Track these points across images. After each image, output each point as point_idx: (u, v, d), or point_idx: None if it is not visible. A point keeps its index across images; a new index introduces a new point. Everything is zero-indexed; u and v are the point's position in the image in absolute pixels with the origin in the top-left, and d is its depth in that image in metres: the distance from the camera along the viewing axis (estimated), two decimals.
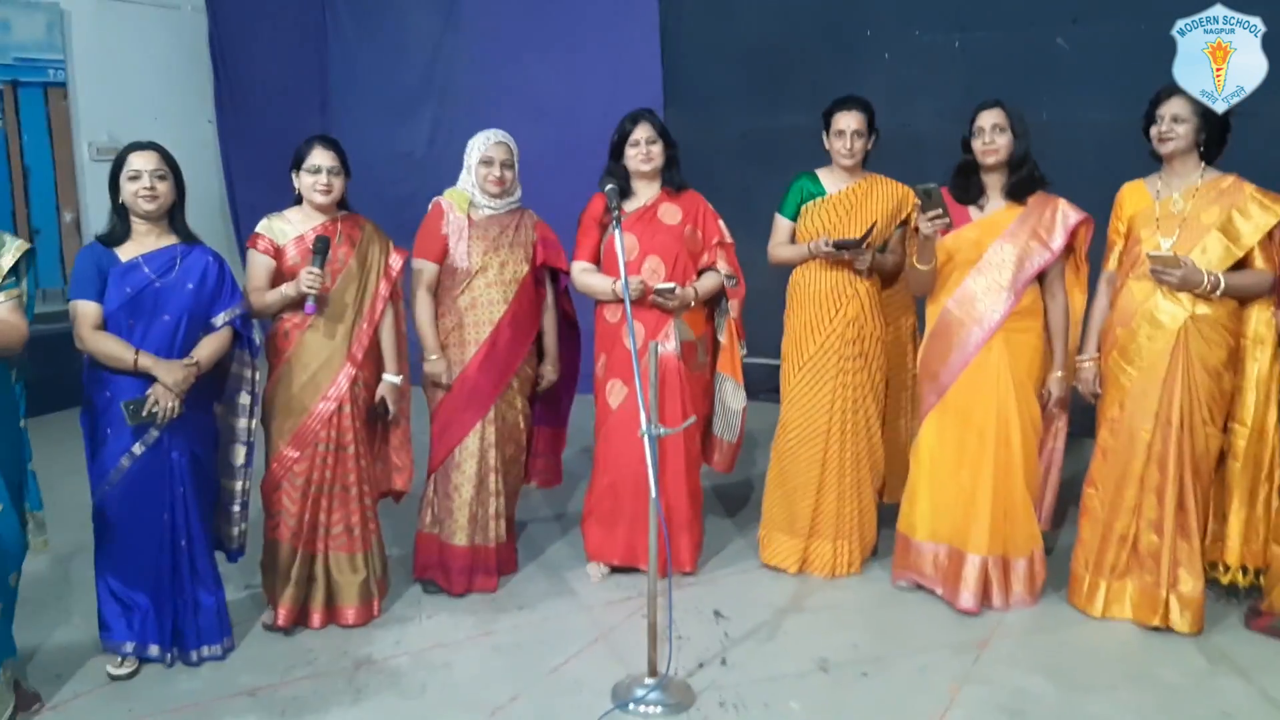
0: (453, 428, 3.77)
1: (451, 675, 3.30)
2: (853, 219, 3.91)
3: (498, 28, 7.08)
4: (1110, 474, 3.58)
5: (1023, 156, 3.65)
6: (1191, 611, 3.47)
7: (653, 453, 3.01)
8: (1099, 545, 3.60)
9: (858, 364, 3.92)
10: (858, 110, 3.88)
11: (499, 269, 3.76)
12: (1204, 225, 3.43)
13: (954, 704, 3.10)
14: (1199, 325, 3.41)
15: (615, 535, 3.92)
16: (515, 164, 3.80)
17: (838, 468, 3.95)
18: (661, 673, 3.13)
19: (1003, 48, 5.87)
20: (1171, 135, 3.45)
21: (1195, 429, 3.44)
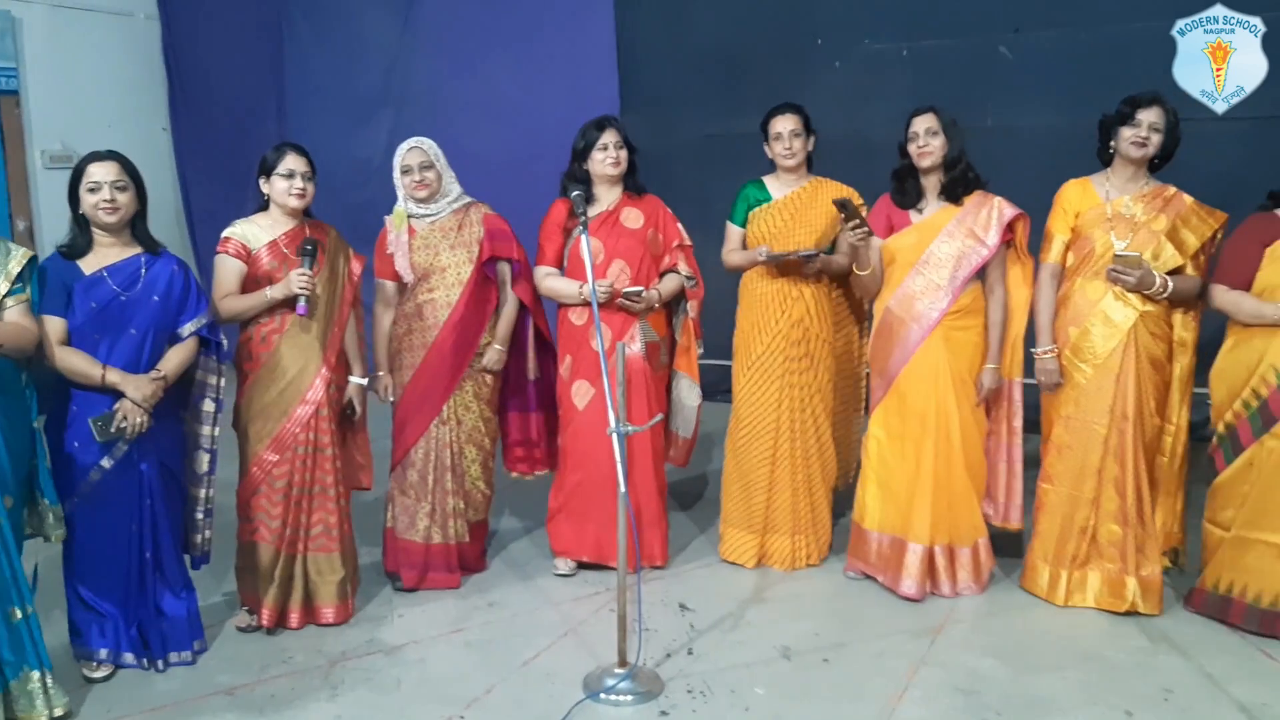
0: (407, 428, 3.87)
1: (425, 670, 3.38)
2: (798, 222, 4.04)
3: (455, 33, 7.13)
4: (1068, 469, 3.73)
5: (956, 158, 3.78)
6: (1153, 594, 3.65)
7: (621, 450, 3.12)
8: (1058, 537, 3.75)
9: (803, 364, 4.04)
10: (792, 113, 4.02)
11: (441, 274, 3.84)
12: (1154, 231, 3.60)
13: (910, 686, 3.24)
14: (1146, 322, 3.59)
15: (585, 533, 4.02)
16: (437, 164, 3.86)
17: (789, 464, 4.08)
18: (631, 663, 3.23)
19: (949, 55, 6.06)
20: (1148, 142, 3.60)
21: (1145, 421, 3.63)
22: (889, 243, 3.85)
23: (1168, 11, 5.53)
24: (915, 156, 3.80)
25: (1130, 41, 5.59)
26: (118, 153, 3.26)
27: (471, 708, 3.13)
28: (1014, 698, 3.16)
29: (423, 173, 3.82)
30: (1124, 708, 3.09)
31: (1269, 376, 3.42)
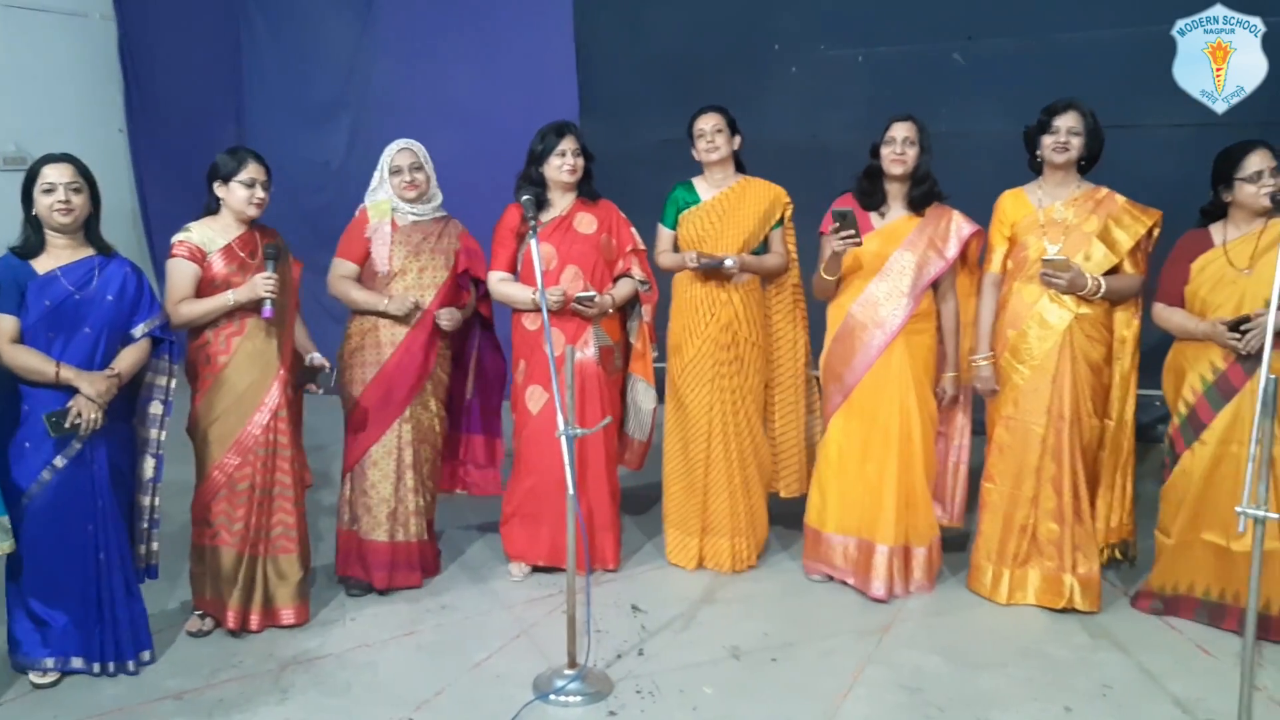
0: (369, 427, 3.87)
1: (376, 673, 3.38)
2: (727, 223, 4.08)
3: (413, 37, 7.12)
4: (1008, 468, 3.80)
5: (926, 171, 3.87)
6: (1091, 591, 3.72)
7: (570, 453, 3.15)
8: (1000, 536, 3.82)
9: (733, 368, 4.08)
10: (713, 112, 4.08)
11: (417, 274, 3.87)
12: (1086, 233, 3.68)
13: (856, 683, 3.29)
14: (1082, 324, 3.66)
15: (539, 536, 4.04)
16: (426, 166, 3.92)
17: (724, 467, 4.11)
18: (580, 664, 3.26)
19: (903, 62, 6.13)
20: (1068, 147, 3.68)
21: (1082, 421, 3.70)
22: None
23: (1118, 20, 5.67)
24: (887, 161, 3.85)
25: (1080, 49, 5.71)
26: (72, 156, 3.26)
27: (421, 709, 3.15)
28: (957, 694, 3.22)
29: (413, 173, 3.86)
30: (1063, 703, 3.15)
31: (1196, 385, 3.53)
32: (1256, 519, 2.75)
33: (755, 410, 4.16)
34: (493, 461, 4.19)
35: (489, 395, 4.19)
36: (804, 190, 4.28)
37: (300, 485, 3.68)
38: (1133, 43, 5.64)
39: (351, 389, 3.91)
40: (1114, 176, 3.92)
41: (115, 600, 3.31)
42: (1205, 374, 3.50)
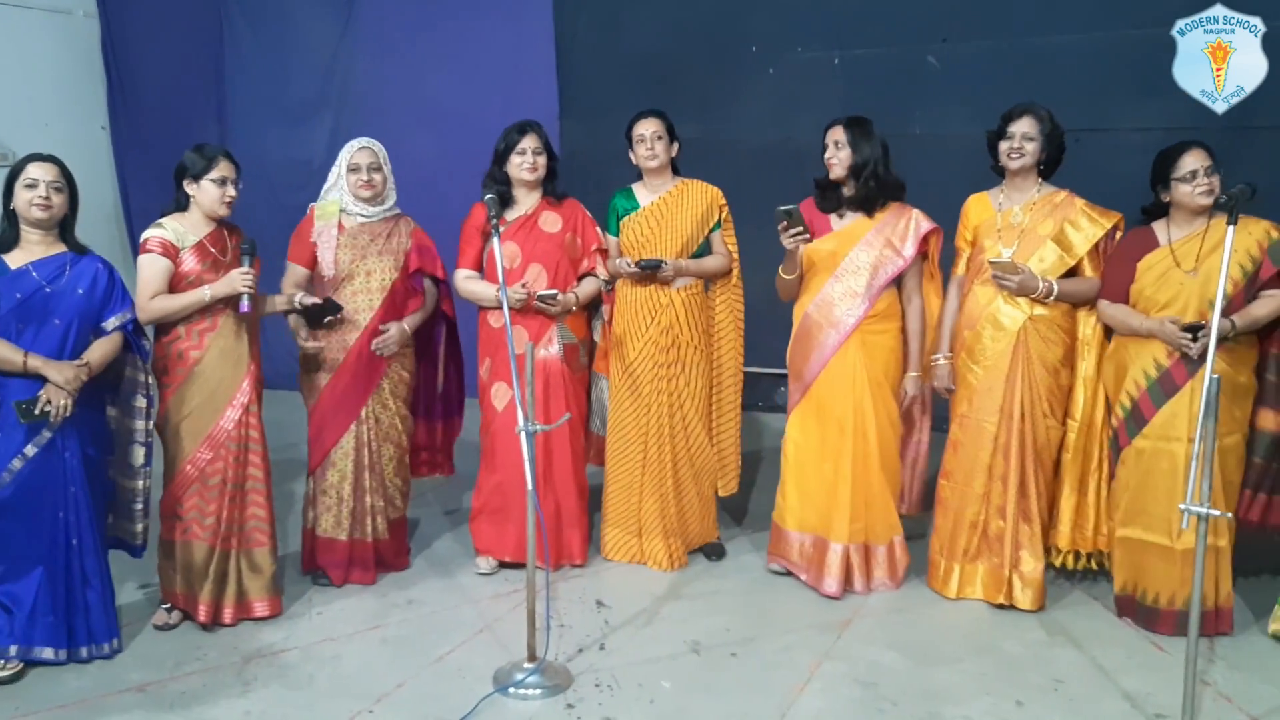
0: (327, 430, 3.91)
1: (339, 666, 3.42)
2: (665, 227, 4.11)
3: (395, 37, 7.16)
4: (961, 465, 3.85)
5: (860, 167, 3.86)
6: (1033, 589, 3.76)
7: (530, 449, 3.18)
8: (952, 531, 3.88)
9: (674, 370, 4.12)
10: (654, 117, 4.12)
11: (365, 277, 3.89)
12: (1040, 236, 3.73)
13: (813, 678, 3.33)
14: (1037, 326, 3.70)
15: (506, 532, 4.08)
16: (385, 167, 3.94)
17: (657, 469, 4.15)
18: (540, 658, 3.30)
19: (878, 65, 6.17)
20: (1021, 152, 3.73)
21: (1036, 421, 3.74)
22: (809, 248, 3.94)
23: (1090, 25, 5.72)
24: (827, 165, 3.91)
25: (1053, 52, 5.76)
26: (58, 158, 3.36)
27: (381, 702, 3.18)
28: (911, 689, 3.26)
29: (371, 173, 3.88)
30: (1015, 698, 3.20)
31: (1140, 380, 3.57)
32: (1200, 515, 2.80)
33: (695, 413, 4.18)
34: (449, 443, 4.24)
35: (453, 387, 4.23)
36: (781, 192, 4.29)
37: (269, 479, 3.71)
38: (1104, 47, 5.71)
39: (310, 392, 3.95)
40: (1085, 179, 3.97)
41: (88, 586, 3.37)
42: (1149, 370, 3.54)
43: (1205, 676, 3.29)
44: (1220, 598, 3.51)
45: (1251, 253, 3.44)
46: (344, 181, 3.90)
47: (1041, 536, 3.79)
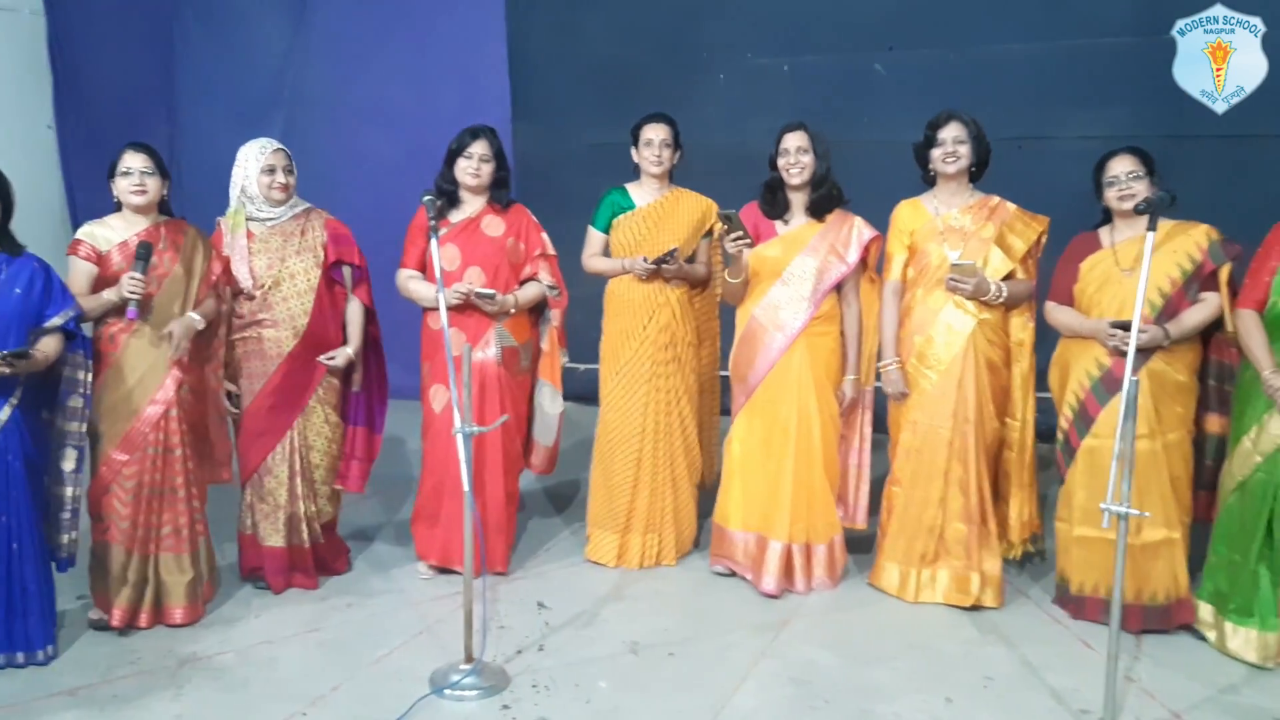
0: (264, 435, 3.88)
1: (275, 670, 3.41)
2: (660, 230, 4.16)
3: (348, 38, 7.13)
4: (915, 471, 3.90)
5: (824, 176, 3.95)
6: (994, 587, 3.85)
7: (467, 451, 3.19)
8: (908, 537, 3.92)
9: (671, 368, 4.17)
10: (664, 123, 4.16)
11: (291, 280, 3.86)
12: (984, 240, 3.80)
13: (749, 677, 3.36)
14: (984, 329, 3.79)
15: (436, 535, 4.08)
16: (294, 170, 3.91)
17: (651, 466, 4.19)
18: (477, 659, 3.30)
19: (827, 72, 6.24)
20: (956, 156, 3.80)
21: (985, 423, 3.81)
22: (755, 253, 3.98)
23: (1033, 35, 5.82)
24: (784, 171, 3.94)
25: (997, 62, 5.85)
26: None
27: (316, 705, 3.18)
28: (844, 687, 3.31)
29: (286, 175, 3.86)
30: (945, 694, 3.25)
31: (1084, 380, 3.66)
32: (1120, 514, 2.87)
33: (690, 409, 4.26)
34: (369, 456, 4.15)
35: (373, 389, 4.15)
36: (733, 196, 4.33)
37: (198, 484, 3.70)
38: (1047, 57, 5.81)
39: (242, 399, 3.89)
40: (1027, 186, 4.06)
41: (28, 591, 3.32)
42: (1091, 370, 3.63)
43: (1130, 673, 3.36)
44: (1180, 590, 3.60)
45: (1191, 253, 3.53)
46: (253, 185, 3.83)
47: (996, 534, 3.87)
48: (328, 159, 7.02)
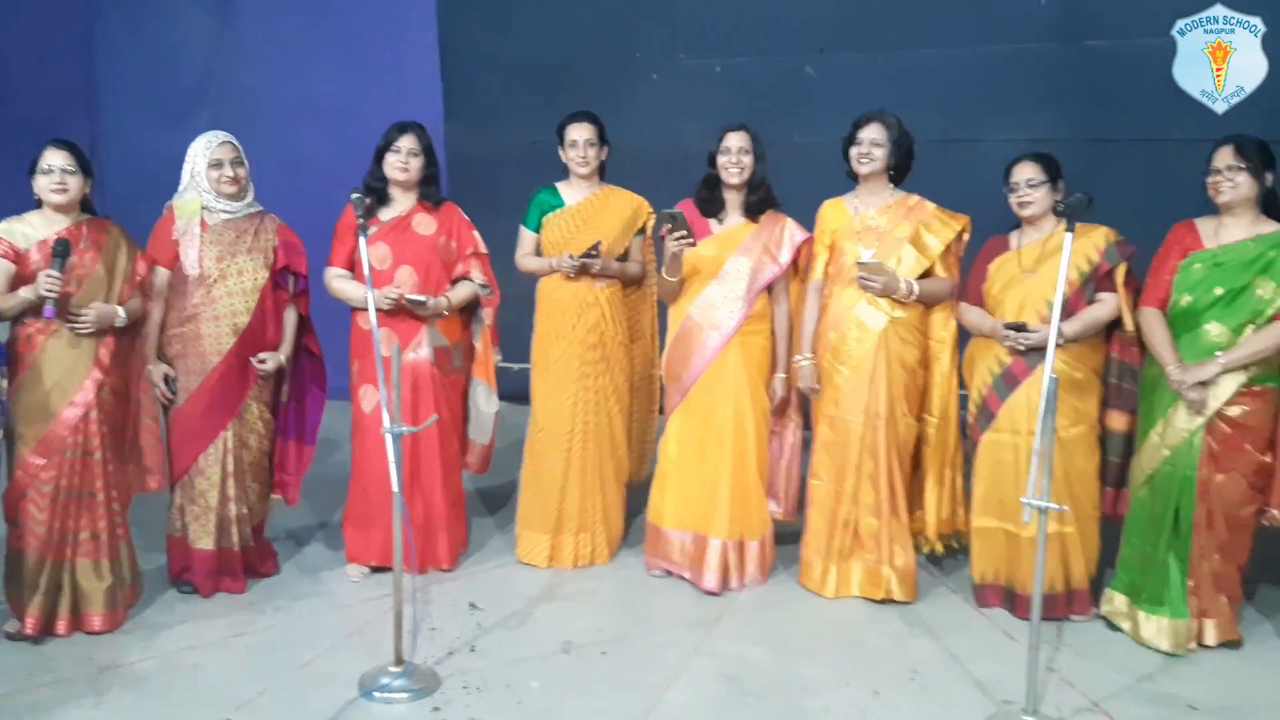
0: (197, 435, 3.81)
1: (200, 676, 3.35)
2: (590, 228, 4.16)
3: (275, 34, 7.04)
4: (831, 465, 3.95)
5: (762, 178, 3.99)
6: (907, 582, 3.90)
7: (396, 451, 3.17)
8: (825, 531, 3.97)
9: (599, 368, 4.17)
10: (588, 121, 4.15)
11: (238, 276, 3.81)
12: (898, 239, 3.87)
13: (681, 675, 3.38)
14: (896, 327, 3.84)
15: (371, 536, 4.04)
16: (245, 162, 3.86)
17: (580, 466, 4.19)
18: (407, 661, 3.28)
19: (759, 73, 6.31)
20: (870, 157, 3.86)
21: (897, 420, 3.87)
22: (691, 251, 4.00)
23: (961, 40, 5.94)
24: (723, 170, 3.97)
25: (925, 65, 5.96)
26: None
27: (240, 710, 3.13)
28: (775, 682, 3.34)
29: (235, 168, 3.80)
30: (873, 687, 3.30)
31: (986, 377, 3.76)
32: (1040, 509, 2.94)
33: (619, 409, 4.26)
34: (299, 470, 4.10)
35: (304, 400, 4.11)
36: (665, 196, 4.34)
37: (120, 490, 3.61)
38: (973, 62, 5.93)
39: (176, 397, 3.82)
40: (950, 187, 4.13)
41: None
42: (993, 367, 3.73)
43: (1052, 663, 3.44)
44: (1073, 581, 3.69)
45: (1089, 256, 3.64)
46: (202, 179, 3.79)
47: (909, 529, 3.93)
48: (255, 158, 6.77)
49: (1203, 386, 3.38)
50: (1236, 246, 3.44)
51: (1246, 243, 3.43)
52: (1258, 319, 3.39)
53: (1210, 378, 3.37)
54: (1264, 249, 3.40)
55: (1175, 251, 3.54)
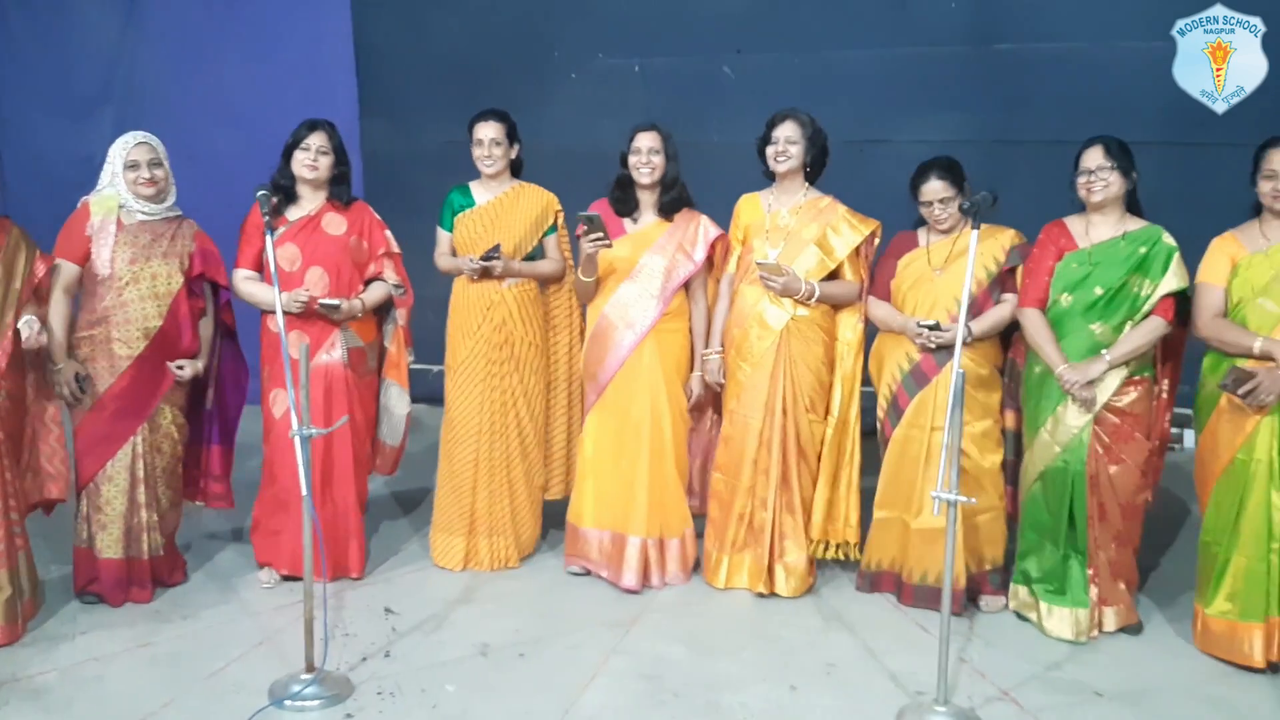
0: (105, 441, 3.69)
1: (103, 688, 3.24)
2: (499, 226, 4.13)
3: (183, 29, 6.85)
4: (731, 459, 3.98)
5: (674, 177, 4.00)
6: (795, 578, 3.94)
7: (305, 454, 3.10)
8: (722, 523, 4.01)
9: (507, 368, 4.13)
10: (495, 120, 4.12)
11: (151, 280, 3.70)
12: (804, 240, 3.91)
13: (598, 675, 3.37)
14: (799, 326, 3.87)
15: (281, 542, 3.95)
16: (165, 162, 3.76)
17: (489, 467, 4.15)
18: (319, 668, 3.21)
19: (677, 73, 6.34)
20: (786, 155, 3.89)
21: (799, 417, 3.90)
22: (604, 251, 3.99)
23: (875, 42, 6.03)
24: (635, 170, 3.96)
25: (841, 66, 6.05)
26: None
27: None
28: (692, 679, 3.34)
29: (152, 170, 3.70)
30: (790, 683, 3.32)
31: (895, 374, 3.82)
32: (949, 502, 2.99)
33: (528, 412, 4.21)
34: (227, 474, 4.02)
35: (228, 405, 4.03)
36: (585, 195, 4.33)
37: (14, 499, 3.47)
38: (887, 63, 6.04)
39: (84, 399, 3.69)
40: (866, 188, 4.18)
41: None
42: (902, 363, 3.79)
43: (964, 654, 3.50)
44: (973, 570, 3.78)
45: (996, 256, 3.73)
46: (120, 180, 3.69)
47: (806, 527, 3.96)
48: None
49: (1091, 385, 3.48)
50: (1108, 244, 3.55)
51: (1117, 240, 3.55)
52: (1135, 315, 3.51)
53: (1099, 375, 3.47)
54: (1134, 246, 3.53)
55: (1050, 252, 3.63)
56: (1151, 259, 3.50)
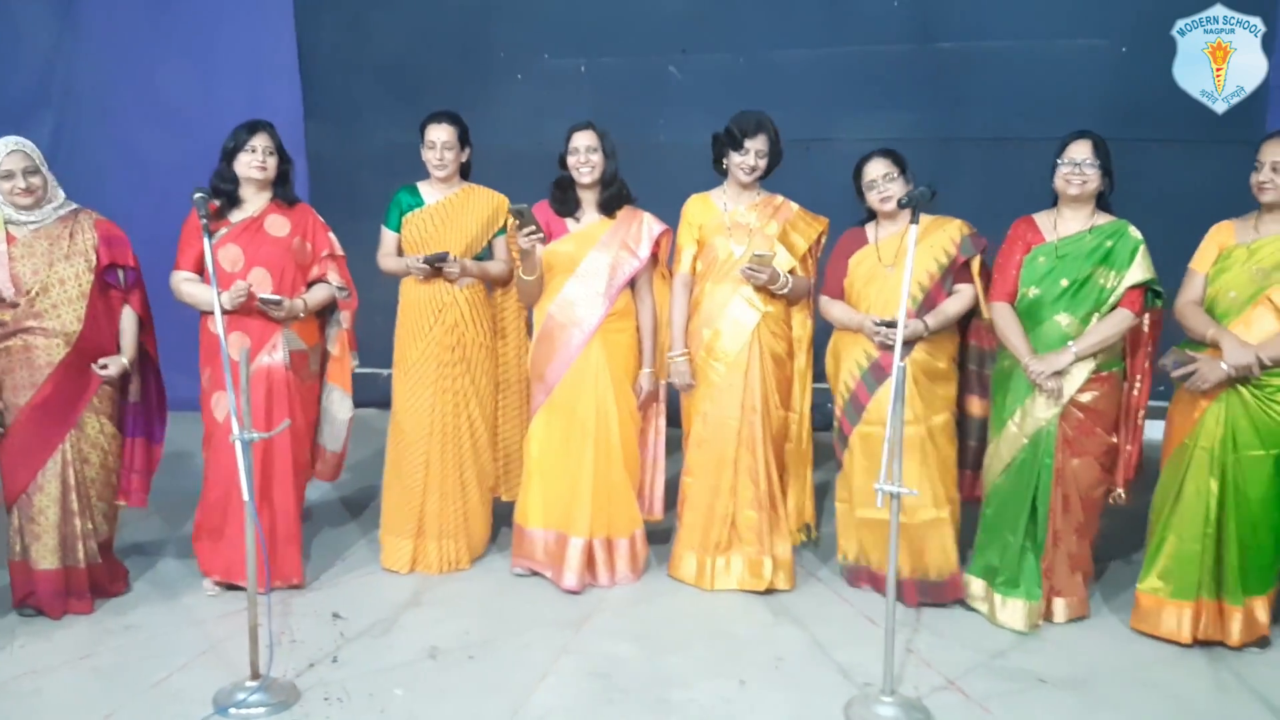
0: (33, 451, 3.61)
1: (40, 701, 3.18)
2: (450, 227, 4.11)
3: (122, 32, 6.72)
4: (707, 461, 3.99)
5: (613, 175, 4.00)
6: (785, 571, 3.98)
7: (246, 459, 3.06)
8: (702, 526, 4.00)
9: (459, 369, 4.11)
10: (447, 124, 4.10)
11: (60, 286, 3.61)
12: (768, 236, 3.93)
13: (548, 674, 3.36)
14: (767, 322, 3.91)
15: (219, 549, 3.90)
16: (43, 168, 3.64)
17: (440, 469, 4.13)
18: (264, 675, 3.17)
19: (623, 73, 6.34)
20: (756, 170, 3.92)
21: (771, 413, 3.94)
22: (548, 250, 3.99)
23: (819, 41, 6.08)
24: (574, 170, 3.96)
25: (785, 66, 6.09)
26: None
27: None
28: (643, 677, 3.35)
29: (28, 178, 3.57)
30: (740, 677, 3.34)
31: (854, 371, 3.85)
32: (893, 494, 3.02)
33: (480, 413, 4.19)
34: (148, 469, 3.94)
35: (151, 398, 3.93)
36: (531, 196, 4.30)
37: None
38: (831, 62, 6.08)
39: (4, 414, 3.61)
40: (811, 186, 4.22)
41: None
42: (861, 360, 3.82)
43: (911, 645, 3.54)
44: (951, 566, 3.81)
45: (946, 248, 3.76)
46: None
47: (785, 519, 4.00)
48: (102, 159, 6.62)
49: (1058, 376, 3.53)
50: (1075, 238, 3.61)
51: (1083, 234, 3.60)
52: (1102, 307, 3.57)
53: (1065, 366, 3.52)
54: (1100, 239, 3.58)
55: (1019, 246, 3.69)
56: (1117, 251, 3.56)
